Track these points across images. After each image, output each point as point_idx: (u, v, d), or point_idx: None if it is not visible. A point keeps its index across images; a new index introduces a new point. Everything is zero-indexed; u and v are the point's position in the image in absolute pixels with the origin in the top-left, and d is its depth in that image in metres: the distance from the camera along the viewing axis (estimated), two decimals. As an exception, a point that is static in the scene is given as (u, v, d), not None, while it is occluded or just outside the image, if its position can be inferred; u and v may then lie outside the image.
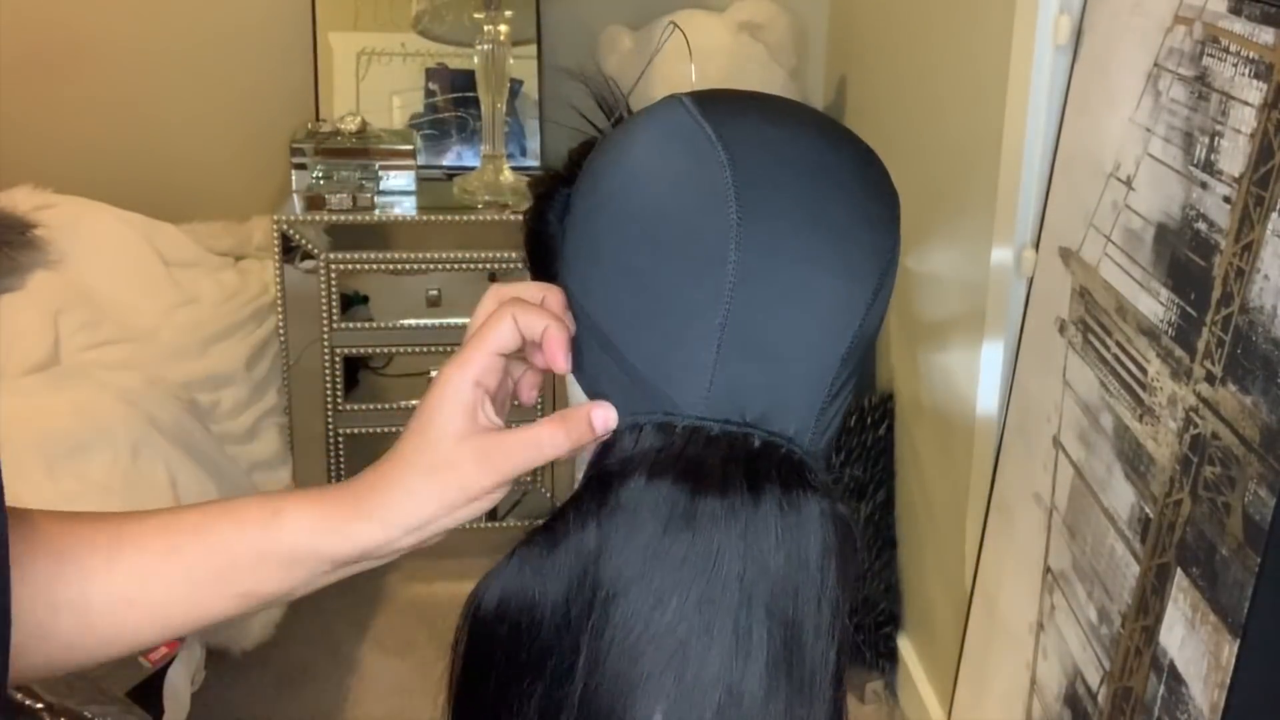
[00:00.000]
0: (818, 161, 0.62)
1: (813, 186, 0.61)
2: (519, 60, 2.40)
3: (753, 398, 0.61)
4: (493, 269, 2.30)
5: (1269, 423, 0.97)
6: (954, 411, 1.82)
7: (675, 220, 0.61)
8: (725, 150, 0.60)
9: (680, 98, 0.64)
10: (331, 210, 2.23)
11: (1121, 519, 1.22)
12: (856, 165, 0.64)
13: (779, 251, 0.60)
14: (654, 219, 0.61)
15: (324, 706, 2.10)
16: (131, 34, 2.49)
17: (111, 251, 2.27)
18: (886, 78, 2.23)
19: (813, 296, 0.61)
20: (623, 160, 0.64)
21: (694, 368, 0.61)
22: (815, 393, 0.62)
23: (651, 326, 0.61)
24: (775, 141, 0.62)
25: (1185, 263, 1.12)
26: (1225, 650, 1.01)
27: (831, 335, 0.61)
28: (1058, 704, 1.36)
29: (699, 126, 0.61)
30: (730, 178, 0.60)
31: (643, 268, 0.61)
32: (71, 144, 2.49)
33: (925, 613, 2.03)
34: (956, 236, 1.84)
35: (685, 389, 0.61)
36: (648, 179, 0.62)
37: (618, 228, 0.63)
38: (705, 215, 0.60)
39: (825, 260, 0.61)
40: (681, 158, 0.61)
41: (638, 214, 0.62)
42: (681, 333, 0.61)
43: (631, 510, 0.59)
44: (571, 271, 0.66)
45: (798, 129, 0.63)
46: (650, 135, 0.63)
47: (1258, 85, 1.02)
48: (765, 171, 0.61)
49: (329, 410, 2.31)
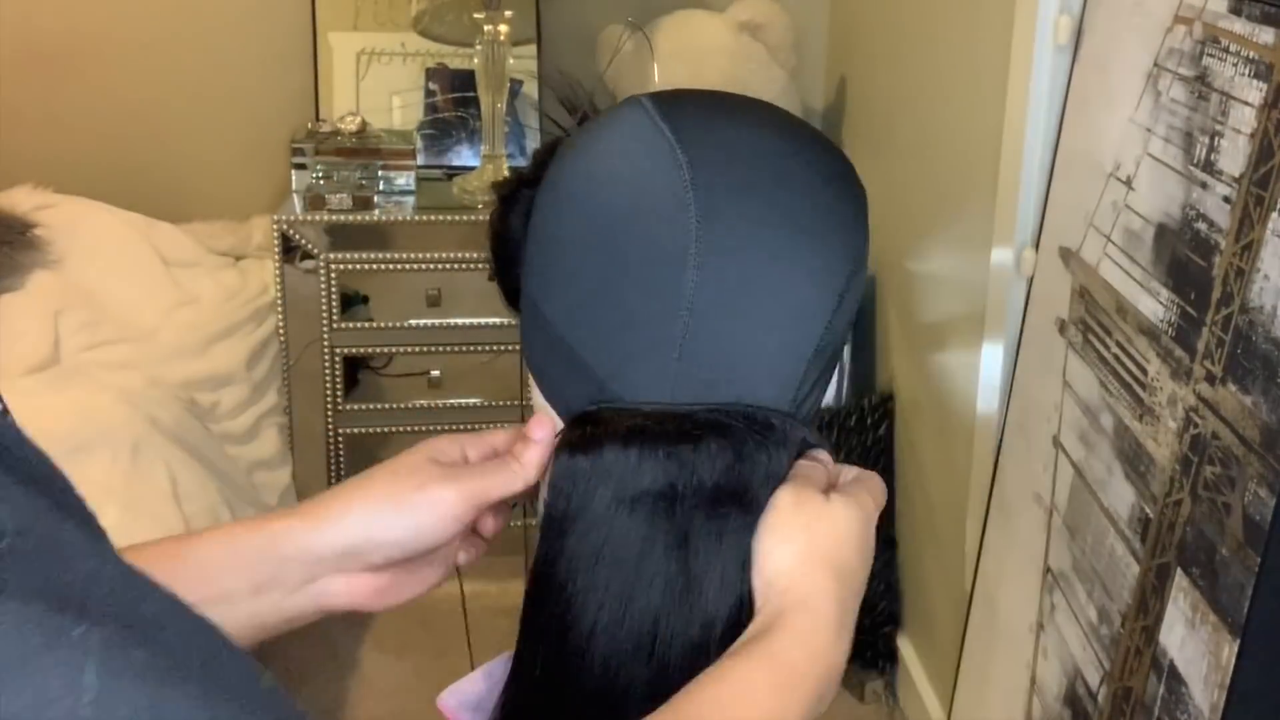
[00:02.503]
0: (779, 162, 0.61)
1: (774, 187, 0.60)
2: (519, 60, 2.40)
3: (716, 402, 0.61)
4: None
5: (1269, 423, 0.97)
6: (954, 411, 1.82)
7: (634, 224, 0.60)
8: (684, 153, 0.59)
9: (641, 99, 0.63)
10: (331, 210, 2.22)
11: (1121, 519, 1.22)
12: (820, 164, 0.63)
13: (740, 254, 0.59)
14: (613, 223, 0.60)
15: (324, 706, 2.10)
16: (131, 34, 2.48)
17: (111, 251, 2.27)
18: (886, 78, 2.23)
19: (775, 299, 0.60)
20: (583, 163, 0.63)
21: (656, 375, 0.60)
22: (780, 396, 0.61)
23: (612, 333, 0.61)
24: (735, 142, 0.61)
25: (1185, 263, 1.12)
26: (1225, 650, 1.01)
27: (796, 337, 0.61)
28: (1058, 704, 1.36)
29: (658, 129, 0.60)
30: (689, 180, 0.59)
31: (603, 273, 0.60)
32: (71, 144, 2.49)
33: (925, 613, 2.03)
34: (956, 236, 1.84)
35: (647, 395, 0.60)
36: (608, 182, 0.61)
37: (578, 232, 0.62)
38: (664, 219, 0.59)
39: (787, 261, 0.60)
40: (641, 160, 0.60)
41: (597, 217, 0.61)
42: (642, 339, 0.60)
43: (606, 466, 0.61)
44: (532, 273, 0.65)
45: (759, 129, 0.62)
46: (611, 137, 0.62)
47: (1258, 85, 1.02)
48: (725, 173, 0.59)
49: (329, 410, 2.31)
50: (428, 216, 2.26)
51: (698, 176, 0.59)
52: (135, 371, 2.03)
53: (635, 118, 0.61)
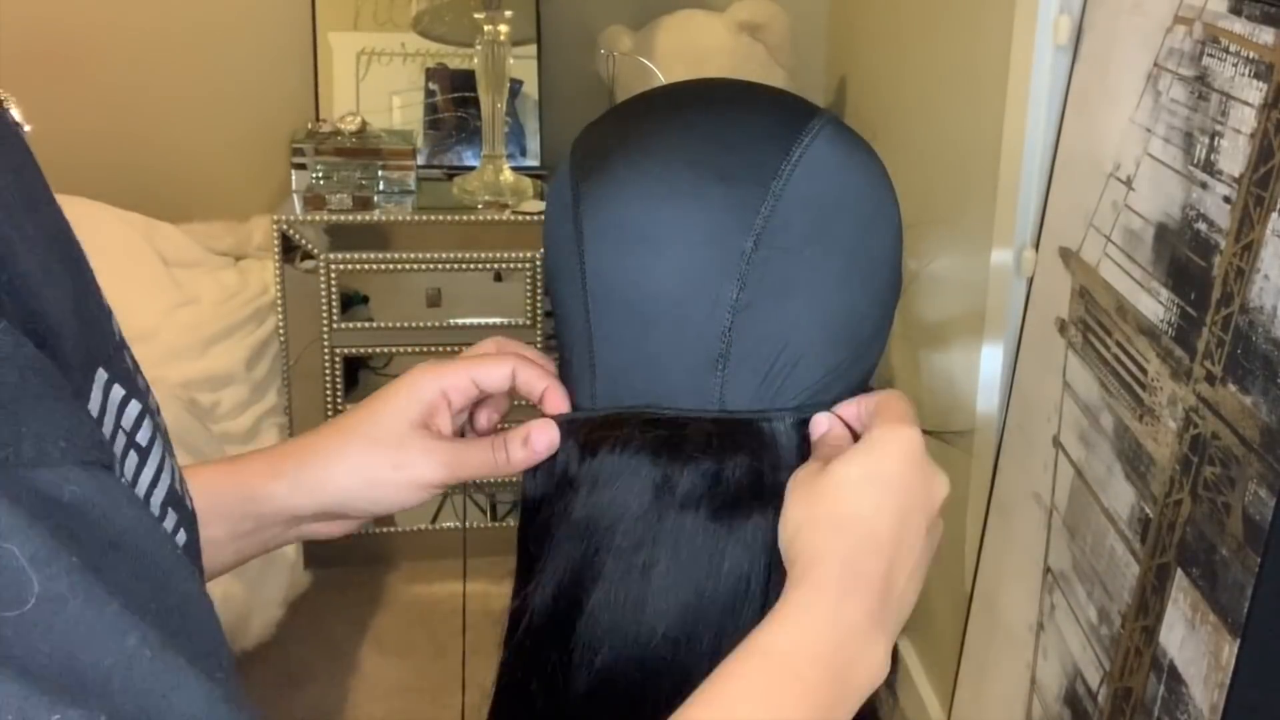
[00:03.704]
0: (661, 157, 0.61)
1: (643, 167, 0.61)
2: (519, 60, 2.40)
3: (639, 392, 0.62)
4: (497, 269, 2.31)
5: (1269, 423, 0.97)
6: (954, 411, 1.82)
7: (549, 247, 0.66)
8: (578, 202, 0.63)
9: (576, 141, 0.66)
10: (331, 210, 2.22)
11: (1121, 519, 1.22)
12: (711, 132, 0.62)
13: (619, 227, 0.61)
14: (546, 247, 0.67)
15: (324, 706, 2.10)
16: (131, 34, 2.48)
17: (111, 251, 2.27)
18: (886, 78, 2.23)
19: (661, 268, 0.60)
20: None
21: (585, 373, 0.64)
22: (699, 368, 0.61)
23: (562, 343, 0.66)
24: (624, 180, 0.62)
25: (1185, 263, 1.12)
26: (1225, 650, 1.01)
27: (693, 300, 0.60)
28: (1058, 704, 1.36)
29: (570, 177, 0.64)
30: (576, 199, 0.63)
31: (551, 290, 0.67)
32: (71, 144, 2.48)
33: (925, 613, 2.03)
34: (956, 236, 1.84)
35: (584, 394, 0.64)
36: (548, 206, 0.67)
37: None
38: (566, 233, 0.63)
39: (668, 230, 0.60)
40: (555, 193, 0.66)
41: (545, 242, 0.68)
42: (573, 344, 0.64)
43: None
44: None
45: (656, 162, 0.62)
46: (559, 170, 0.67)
47: (1258, 85, 1.02)
48: (605, 189, 0.62)
49: (329, 410, 2.31)
50: (428, 216, 2.26)
51: (582, 204, 0.62)
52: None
53: (563, 166, 0.66)
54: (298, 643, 2.18)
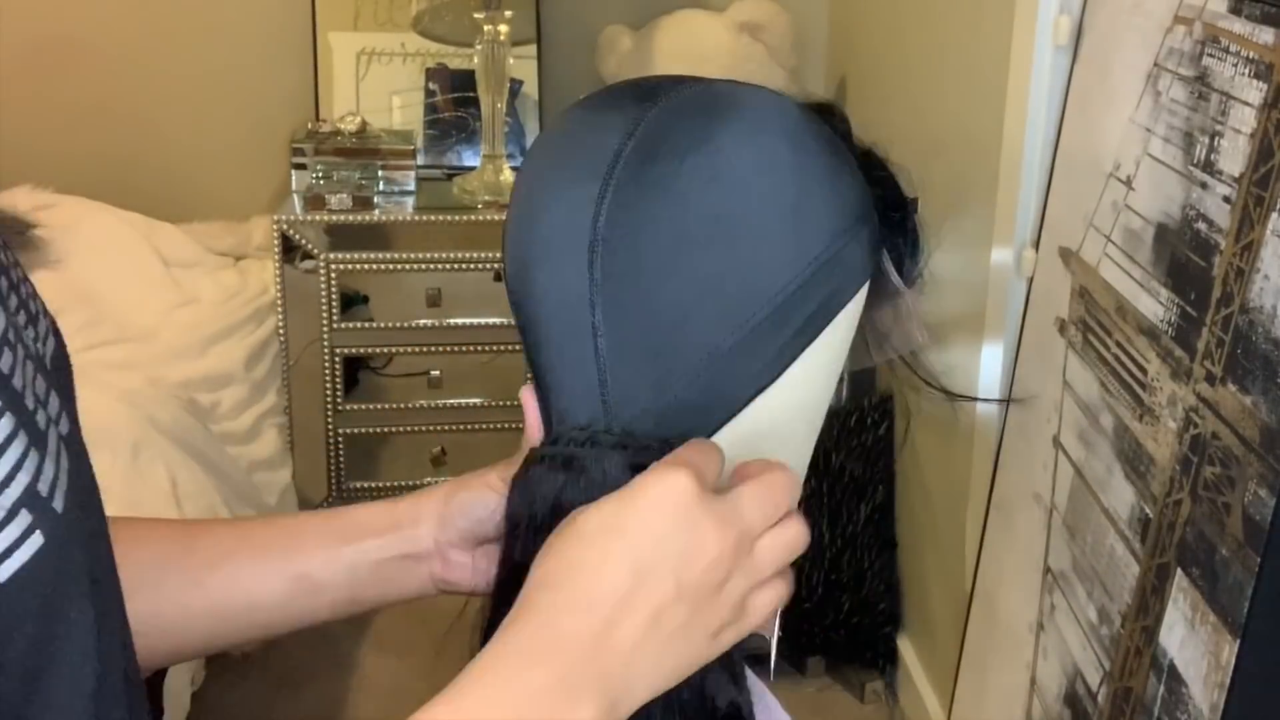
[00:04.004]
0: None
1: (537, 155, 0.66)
2: (519, 60, 2.40)
3: (553, 393, 0.63)
4: (496, 269, 2.30)
5: (1269, 423, 0.97)
6: (954, 411, 1.82)
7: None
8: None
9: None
10: (331, 210, 2.22)
11: (1121, 519, 1.22)
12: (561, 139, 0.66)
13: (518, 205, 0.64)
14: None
15: (324, 707, 2.10)
16: (131, 34, 2.49)
17: (111, 252, 2.27)
18: (887, 78, 2.23)
19: (543, 241, 0.61)
20: None
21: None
22: (578, 360, 0.60)
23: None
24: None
25: (1185, 263, 1.12)
26: (1225, 650, 1.01)
27: (563, 282, 0.60)
28: (1058, 704, 1.36)
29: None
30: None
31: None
32: (71, 144, 2.49)
33: (925, 613, 2.03)
34: (956, 236, 1.84)
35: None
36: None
37: None
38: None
39: (550, 188, 0.62)
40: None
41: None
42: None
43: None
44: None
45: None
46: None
47: (1258, 85, 1.02)
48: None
49: (329, 410, 2.31)
50: (428, 216, 2.26)
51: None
52: (135, 372, 2.03)
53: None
54: (297, 643, 2.18)
